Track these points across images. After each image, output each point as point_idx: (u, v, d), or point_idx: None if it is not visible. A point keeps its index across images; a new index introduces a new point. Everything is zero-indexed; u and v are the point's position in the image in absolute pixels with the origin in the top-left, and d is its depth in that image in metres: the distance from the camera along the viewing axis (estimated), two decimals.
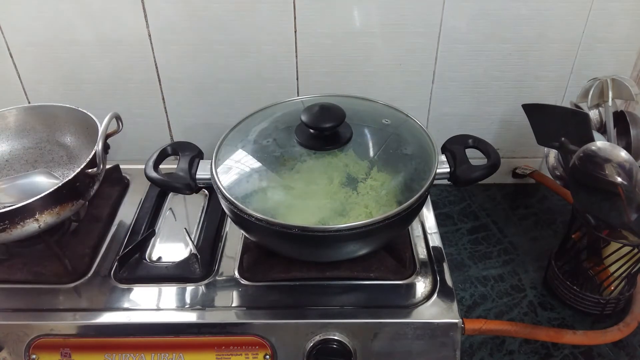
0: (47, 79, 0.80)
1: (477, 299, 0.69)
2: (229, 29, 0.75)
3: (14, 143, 0.75)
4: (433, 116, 0.84)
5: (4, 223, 0.56)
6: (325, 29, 0.75)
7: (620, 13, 0.73)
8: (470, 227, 0.81)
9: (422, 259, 0.65)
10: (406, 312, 0.57)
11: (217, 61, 0.78)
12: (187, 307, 0.59)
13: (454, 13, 0.73)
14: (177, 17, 0.74)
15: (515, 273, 0.73)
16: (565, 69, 0.79)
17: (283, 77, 0.79)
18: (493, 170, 0.60)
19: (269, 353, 0.56)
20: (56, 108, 0.74)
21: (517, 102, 0.69)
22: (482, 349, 0.63)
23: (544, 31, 0.75)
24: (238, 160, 0.60)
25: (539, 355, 0.62)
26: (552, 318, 0.67)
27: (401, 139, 0.62)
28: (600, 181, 0.54)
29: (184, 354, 0.57)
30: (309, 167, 0.57)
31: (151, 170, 0.60)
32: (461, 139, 0.64)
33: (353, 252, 0.58)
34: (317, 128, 0.58)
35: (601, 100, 0.66)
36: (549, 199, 0.87)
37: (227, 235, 0.69)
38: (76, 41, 0.76)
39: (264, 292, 0.60)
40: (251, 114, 0.67)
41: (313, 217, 0.54)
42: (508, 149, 0.87)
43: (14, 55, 0.78)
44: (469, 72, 0.79)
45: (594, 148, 0.55)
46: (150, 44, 0.76)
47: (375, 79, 0.80)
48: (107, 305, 0.59)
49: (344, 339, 0.56)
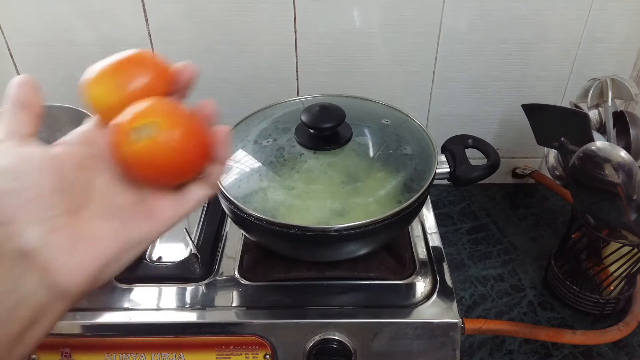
0: (47, 79, 0.80)
1: (476, 299, 0.69)
2: (229, 29, 0.75)
3: None
4: (433, 116, 0.84)
5: None
6: (325, 29, 0.75)
7: (620, 13, 0.73)
8: (470, 227, 0.81)
9: (422, 259, 0.65)
10: (406, 312, 0.57)
11: (217, 61, 0.78)
12: (187, 307, 0.59)
13: (454, 13, 0.73)
14: (177, 17, 0.74)
15: (515, 273, 0.73)
16: (565, 69, 0.79)
17: (283, 77, 0.79)
18: (493, 170, 0.60)
19: (269, 353, 0.56)
20: (56, 108, 0.74)
21: (517, 102, 0.69)
22: (482, 348, 0.63)
23: (544, 31, 0.75)
24: (238, 160, 0.60)
25: (538, 355, 0.62)
26: (551, 318, 0.67)
27: (401, 139, 0.62)
28: (599, 181, 0.54)
29: (184, 354, 0.57)
30: (309, 167, 0.57)
31: None
32: (461, 139, 0.64)
33: (353, 252, 0.58)
34: (317, 128, 0.58)
35: (601, 101, 0.66)
36: (549, 199, 0.87)
37: (227, 235, 0.69)
38: (76, 41, 0.76)
39: (264, 292, 0.60)
40: (251, 114, 0.67)
41: (313, 217, 0.54)
42: (508, 149, 0.87)
43: (14, 55, 0.78)
44: (469, 72, 0.79)
45: (593, 148, 0.55)
46: (150, 44, 0.76)
47: (375, 79, 0.80)
48: (107, 305, 0.59)
49: (344, 339, 0.56)
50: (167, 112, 0.32)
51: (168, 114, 0.32)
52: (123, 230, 0.31)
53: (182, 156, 0.31)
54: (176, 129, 0.31)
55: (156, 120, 0.31)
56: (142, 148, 0.30)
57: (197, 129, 0.32)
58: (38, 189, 0.28)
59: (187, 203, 0.33)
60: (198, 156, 0.33)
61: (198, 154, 0.32)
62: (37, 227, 0.27)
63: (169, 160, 0.31)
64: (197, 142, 0.32)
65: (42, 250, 0.27)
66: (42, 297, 0.27)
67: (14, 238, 0.27)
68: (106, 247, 0.30)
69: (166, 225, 0.32)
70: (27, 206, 0.27)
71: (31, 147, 0.30)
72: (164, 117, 0.31)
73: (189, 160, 0.32)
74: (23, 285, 0.27)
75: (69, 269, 0.28)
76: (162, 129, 0.30)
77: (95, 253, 0.29)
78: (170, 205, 0.33)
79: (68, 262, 0.28)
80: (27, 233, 0.27)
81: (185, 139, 0.31)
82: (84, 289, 0.29)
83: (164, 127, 0.30)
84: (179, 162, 0.32)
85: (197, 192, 0.34)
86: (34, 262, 0.27)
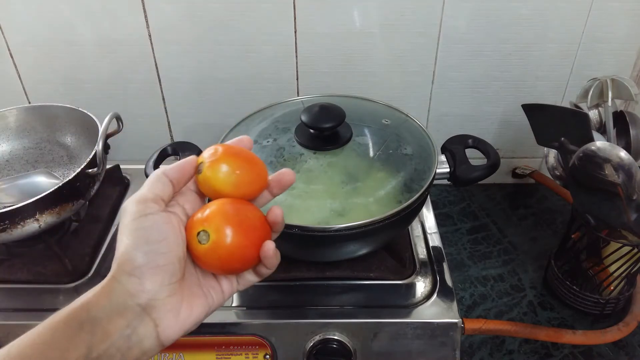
0: (47, 79, 0.80)
1: (476, 299, 0.69)
2: (229, 29, 0.75)
3: (14, 143, 0.75)
4: (433, 116, 0.84)
5: (4, 223, 0.56)
6: (325, 29, 0.75)
7: (620, 13, 0.73)
8: (470, 227, 0.81)
9: (422, 259, 0.65)
10: (406, 312, 0.57)
11: (217, 61, 0.78)
12: None
13: (454, 13, 0.73)
14: (177, 17, 0.74)
15: (515, 273, 0.73)
16: (565, 69, 0.79)
17: (283, 77, 0.79)
18: (493, 170, 0.61)
19: (269, 353, 0.56)
20: (56, 108, 0.74)
21: (517, 102, 0.69)
22: (482, 348, 0.63)
23: (544, 31, 0.75)
24: None
25: (538, 355, 0.62)
26: (551, 318, 0.67)
27: (401, 139, 0.62)
28: (599, 181, 0.54)
29: (184, 354, 0.57)
30: (309, 167, 0.57)
31: (151, 170, 0.60)
32: (461, 139, 0.64)
33: (353, 252, 0.58)
34: (317, 128, 0.58)
35: (601, 101, 0.66)
36: (549, 199, 0.87)
37: None
38: (76, 41, 0.76)
39: (264, 292, 0.60)
40: (251, 114, 0.67)
41: (313, 217, 0.54)
42: (508, 149, 0.87)
43: (14, 55, 0.78)
44: (469, 72, 0.79)
45: (593, 148, 0.55)
46: (150, 44, 0.76)
47: (375, 79, 0.80)
48: None
49: (344, 339, 0.56)
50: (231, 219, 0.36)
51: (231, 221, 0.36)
52: (207, 301, 0.38)
53: (232, 262, 0.37)
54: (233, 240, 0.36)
55: (212, 231, 0.35)
56: (201, 249, 0.36)
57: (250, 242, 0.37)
58: (171, 257, 0.34)
59: (241, 285, 0.41)
60: (247, 262, 0.38)
61: (249, 258, 0.37)
62: (161, 292, 0.34)
63: (220, 263, 0.37)
64: (248, 251, 0.37)
65: (158, 308, 0.34)
66: (149, 344, 0.34)
67: (141, 294, 0.33)
68: (199, 313, 0.37)
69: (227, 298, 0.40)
70: (160, 270, 0.34)
71: (172, 215, 0.36)
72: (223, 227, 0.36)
73: (240, 264, 0.38)
74: (141, 334, 0.34)
75: (172, 326, 0.35)
76: (216, 240, 0.35)
77: (192, 318, 0.36)
78: (232, 286, 0.40)
79: (172, 321, 0.35)
80: (153, 294, 0.33)
81: (238, 249, 0.36)
82: (174, 341, 0.36)
83: (218, 238, 0.35)
84: (229, 266, 0.37)
85: (249, 279, 0.41)
86: (149, 316, 0.34)
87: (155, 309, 0.34)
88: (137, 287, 0.33)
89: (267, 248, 0.37)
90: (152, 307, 0.34)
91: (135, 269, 0.33)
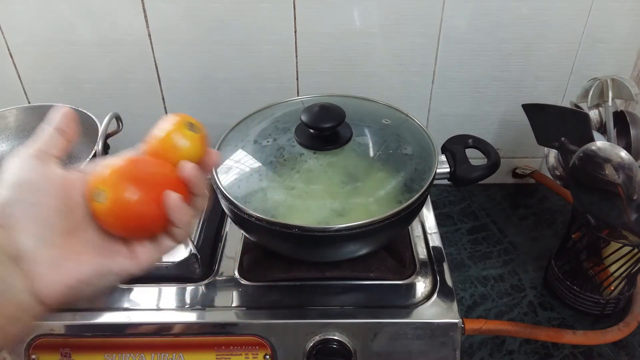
0: (47, 79, 0.80)
1: (477, 299, 0.69)
2: (229, 29, 0.75)
3: (14, 143, 0.75)
4: (433, 116, 0.84)
5: None
6: (325, 29, 0.75)
7: (620, 13, 0.73)
8: (470, 227, 0.81)
9: (422, 259, 0.64)
10: (406, 312, 0.57)
11: (217, 61, 0.78)
12: (187, 307, 0.59)
13: (454, 13, 0.73)
14: (177, 17, 0.74)
15: (515, 273, 0.73)
16: (565, 69, 0.79)
17: (283, 77, 0.79)
18: (493, 170, 0.60)
19: (269, 353, 0.56)
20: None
21: (517, 102, 0.69)
22: (482, 349, 0.63)
23: (544, 31, 0.75)
24: (238, 160, 0.60)
25: (539, 355, 0.62)
26: (552, 318, 0.67)
27: (401, 139, 0.62)
28: (600, 181, 0.54)
29: (184, 354, 0.57)
30: (308, 167, 0.57)
31: None
32: (461, 139, 0.64)
33: (353, 252, 0.58)
34: (317, 128, 0.58)
35: (601, 100, 0.66)
36: (549, 199, 0.87)
37: (227, 235, 0.69)
38: (76, 41, 0.76)
39: (264, 292, 0.60)
40: (251, 114, 0.67)
41: (313, 217, 0.54)
42: (508, 149, 0.87)
43: (14, 55, 0.78)
44: (469, 72, 0.79)
45: (594, 148, 0.55)
46: (150, 44, 0.76)
47: (375, 79, 0.80)
48: (107, 305, 0.59)
49: (344, 339, 0.55)
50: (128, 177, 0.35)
51: (131, 178, 0.35)
52: (103, 261, 0.35)
53: (133, 221, 0.35)
54: (130, 197, 0.34)
55: (107, 189, 0.34)
56: (99, 208, 0.34)
57: (150, 198, 0.35)
58: (46, 208, 0.33)
59: (159, 251, 0.38)
60: (151, 221, 0.36)
61: (153, 217, 0.35)
62: (33, 241, 0.32)
63: (121, 222, 0.35)
64: (150, 209, 0.35)
65: (31, 260, 0.32)
66: (25, 299, 0.32)
67: (11, 244, 0.32)
68: (84, 271, 0.34)
69: (143, 266, 0.37)
70: (32, 220, 0.33)
71: (54, 168, 0.35)
72: (121, 184, 0.34)
73: (142, 224, 0.36)
74: (11, 285, 0.32)
75: (50, 281, 0.33)
76: (112, 199, 0.34)
77: (74, 273, 0.34)
78: (148, 252, 0.38)
79: (50, 276, 0.33)
80: (24, 243, 0.32)
81: (138, 206, 0.34)
82: (59, 300, 0.34)
83: (114, 196, 0.34)
84: (131, 225, 0.35)
85: (167, 244, 0.38)
86: (21, 268, 0.32)
87: (27, 261, 0.32)
88: (6, 239, 0.32)
89: (169, 198, 0.35)
90: (23, 259, 0.32)
91: (5, 220, 0.32)
